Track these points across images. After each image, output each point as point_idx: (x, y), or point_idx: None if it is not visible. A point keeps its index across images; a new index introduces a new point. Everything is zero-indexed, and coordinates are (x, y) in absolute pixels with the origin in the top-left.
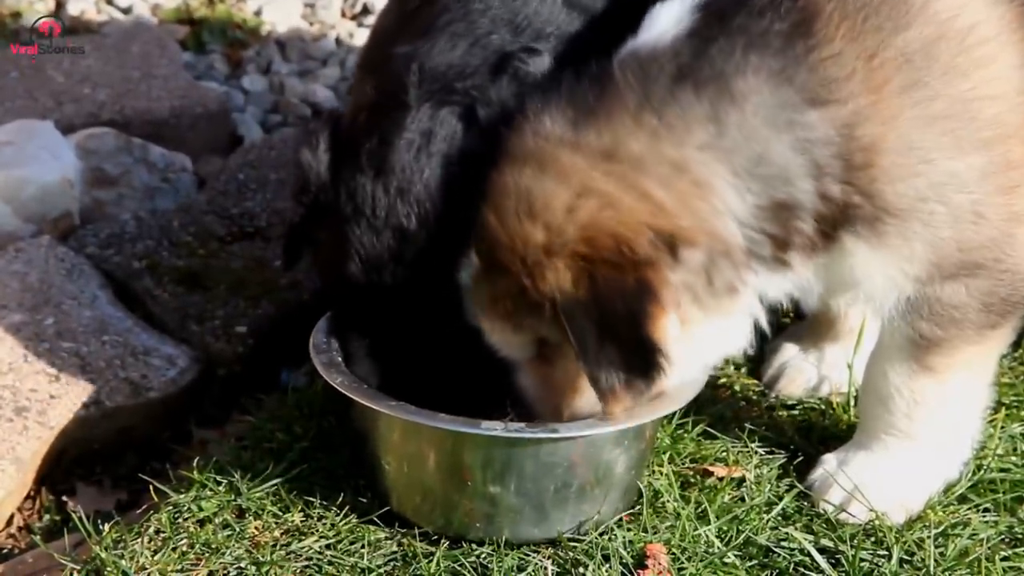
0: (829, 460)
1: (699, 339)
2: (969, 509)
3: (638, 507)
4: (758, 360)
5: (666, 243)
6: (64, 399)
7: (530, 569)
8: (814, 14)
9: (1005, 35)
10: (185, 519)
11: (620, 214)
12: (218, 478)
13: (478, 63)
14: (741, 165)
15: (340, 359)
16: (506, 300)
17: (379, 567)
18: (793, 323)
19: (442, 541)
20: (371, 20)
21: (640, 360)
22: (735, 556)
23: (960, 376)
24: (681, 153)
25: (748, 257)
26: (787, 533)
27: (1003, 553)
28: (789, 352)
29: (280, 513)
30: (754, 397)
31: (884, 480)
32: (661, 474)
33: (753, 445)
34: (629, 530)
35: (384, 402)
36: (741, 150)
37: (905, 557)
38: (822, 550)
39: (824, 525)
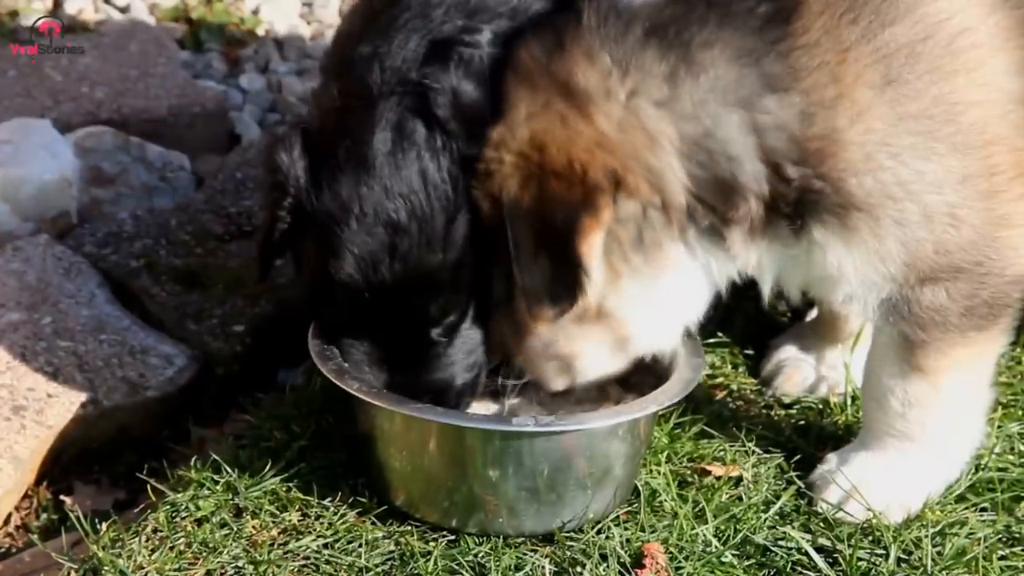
0: (830, 459)
1: (630, 294)
2: (967, 508)
3: (635, 506)
4: (756, 359)
5: (610, 178)
6: (62, 398)
7: (528, 568)
8: (799, 1)
9: (998, 41)
10: (183, 518)
11: (574, 136)
12: (216, 477)
13: (428, 53)
14: (688, 133)
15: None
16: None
17: (376, 566)
18: (792, 323)
19: (439, 540)
20: None
21: (567, 274)
22: (732, 555)
23: (953, 377)
24: (636, 103)
25: (685, 220)
26: (784, 532)
27: (1000, 552)
28: (788, 351)
29: (278, 512)
30: (752, 396)
31: (883, 480)
32: (659, 473)
33: (750, 444)
34: (627, 529)
35: (412, 406)
36: (690, 119)
37: (902, 556)
38: (819, 549)
39: (821, 524)
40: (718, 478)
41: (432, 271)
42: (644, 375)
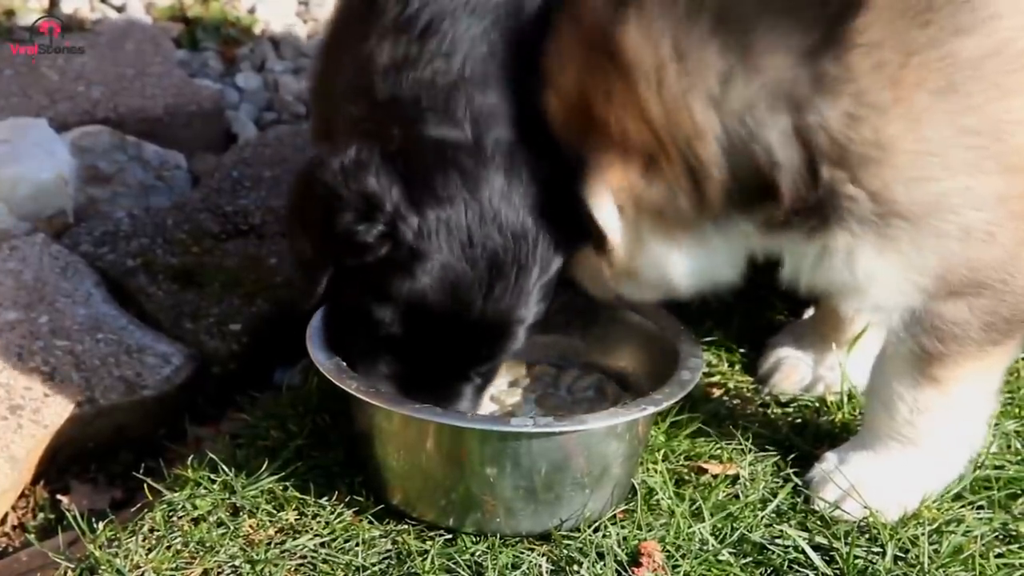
0: (829, 457)
1: (651, 264)
2: (963, 506)
3: (632, 504)
4: (753, 358)
5: (642, 155)
6: (58, 397)
7: (524, 567)
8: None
9: None
10: (179, 517)
11: (622, 105)
12: (212, 476)
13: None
14: (735, 131)
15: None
16: None
17: (374, 565)
18: (789, 322)
19: (436, 539)
20: None
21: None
22: (729, 553)
23: (964, 387)
24: (689, 97)
25: (715, 209)
26: (781, 530)
27: (997, 550)
28: (786, 349)
29: (274, 511)
30: (749, 395)
31: (882, 479)
32: (655, 471)
33: (747, 442)
34: (623, 527)
35: (410, 406)
36: (738, 119)
37: (899, 554)
38: (816, 547)
39: (818, 522)
40: (715, 476)
41: (512, 320)
42: (643, 372)
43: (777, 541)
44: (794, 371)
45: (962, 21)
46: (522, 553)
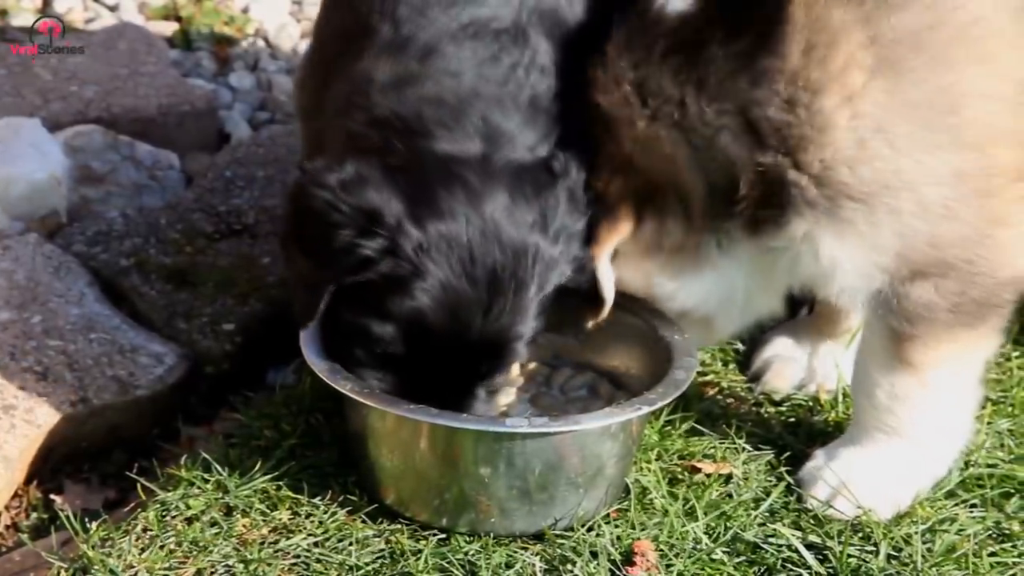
0: (818, 455)
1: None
2: (956, 505)
3: (626, 504)
4: (746, 356)
5: (631, 198)
6: (52, 397)
7: (518, 566)
8: None
9: (1015, 33)
10: (173, 517)
11: (603, 161)
12: (206, 476)
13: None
14: (699, 146)
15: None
16: None
17: (367, 564)
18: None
19: (430, 538)
20: None
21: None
22: (723, 552)
23: (940, 372)
24: (655, 128)
25: (707, 225)
26: (775, 529)
27: (990, 549)
28: (778, 347)
29: (268, 511)
30: (742, 394)
31: (872, 476)
32: (649, 471)
33: (740, 441)
34: (617, 527)
35: (404, 406)
36: (698, 134)
37: (892, 553)
38: (810, 546)
39: (812, 521)
40: (708, 475)
41: (511, 338)
42: (637, 371)
43: (770, 540)
44: (786, 368)
45: None
46: (516, 552)
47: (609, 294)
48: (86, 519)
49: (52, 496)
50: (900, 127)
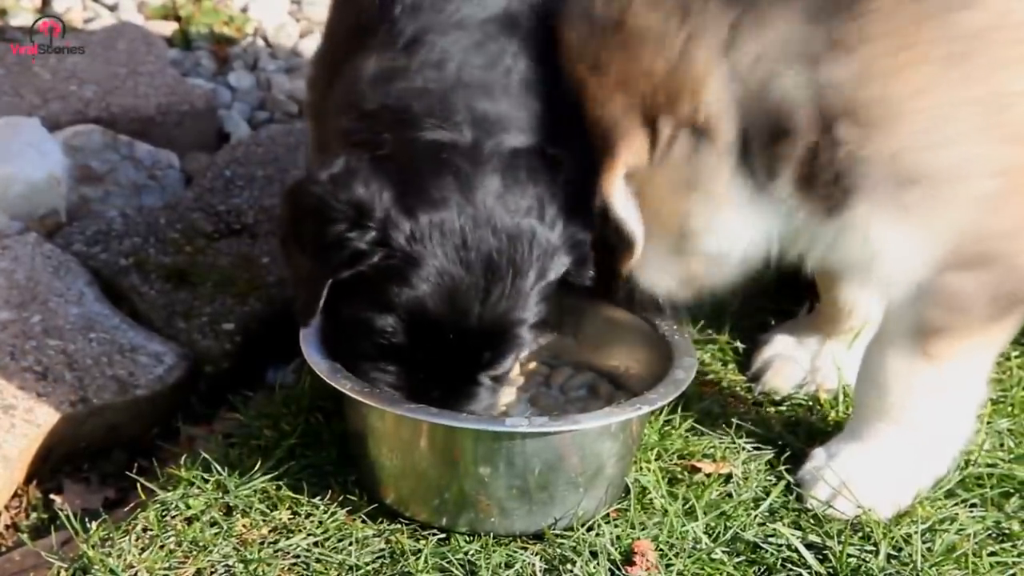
0: (818, 454)
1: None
2: (956, 504)
3: (626, 503)
4: (746, 356)
5: (637, 117)
6: (51, 397)
7: (518, 566)
8: None
9: None
10: (173, 517)
11: (601, 79)
12: (205, 476)
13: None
14: (744, 79)
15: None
16: None
17: (367, 564)
18: (782, 320)
19: (430, 538)
20: None
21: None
22: (723, 552)
23: (958, 366)
24: (691, 48)
25: (737, 158)
26: (774, 529)
27: (990, 548)
28: (778, 346)
29: (268, 511)
30: (742, 393)
31: (873, 474)
32: (649, 470)
33: (740, 441)
34: (617, 526)
35: (405, 406)
36: (748, 67)
37: (892, 552)
38: (809, 546)
39: (812, 520)
40: (708, 475)
41: (511, 323)
42: (636, 371)
43: (770, 540)
44: (786, 367)
45: None
46: (515, 552)
47: (636, 228)
48: (86, 519)
49: (52, 496)
50: (962, 121)
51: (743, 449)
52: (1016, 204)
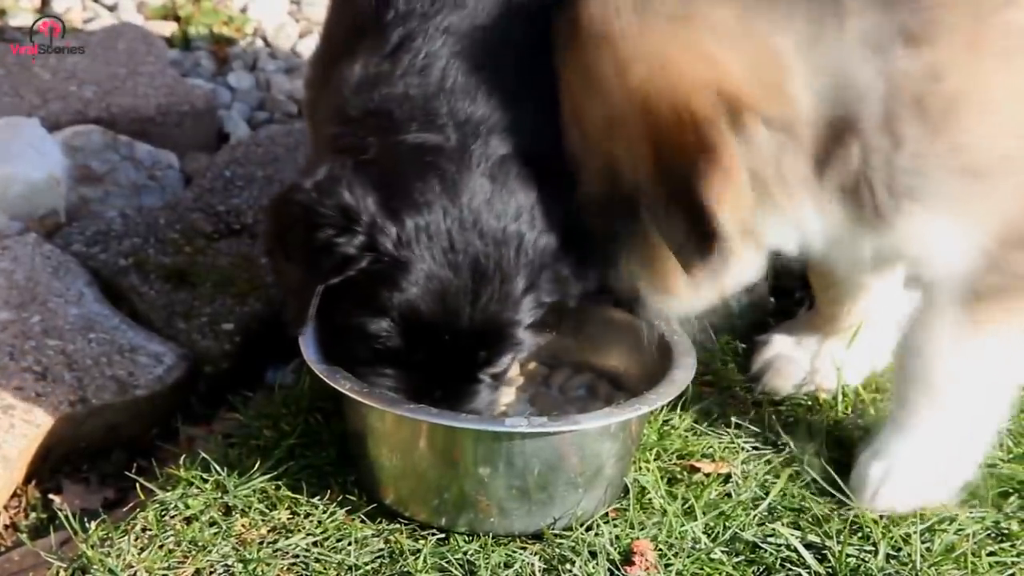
0: (864, 460)
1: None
2: (955, 504)
3: (625, 503)
4: (746, 356)
5: (726, 111)
6: (51, 397)
7: (517, 566)
8: None
9: None
10: (172, 517)
11: (675, 74)
12: (205, 476)
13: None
14: (823, 71)
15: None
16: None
17: (366, 564)
18: (779, 322)
19: (429, 538)
20: None
21: (700, 225)
22: (722, 552)
23: (1002, 336)
24: (773, 40)
25: (810, 154)
26: (774, 529)
27: (989, 548)
28: (779, 346)
29: (267, 511)
30: (741, 393)
31: (924, 464)
32: (648, 470)
33: (740, 441)
34: (616, 526)
35: (404, 406)
36: (828, 59)
37: (891, 552)
38: (808, 545)
39: (811, 520)
40: (707, 475)
41: (503, 324)
42: (636, 371)
43: (769, 539)
44: (787, 367)
45: None
46: (514, 552)
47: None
48: (85, 519)
49: (51, 496)
50: (1012, 112)
51: (742, 449)
52: None
